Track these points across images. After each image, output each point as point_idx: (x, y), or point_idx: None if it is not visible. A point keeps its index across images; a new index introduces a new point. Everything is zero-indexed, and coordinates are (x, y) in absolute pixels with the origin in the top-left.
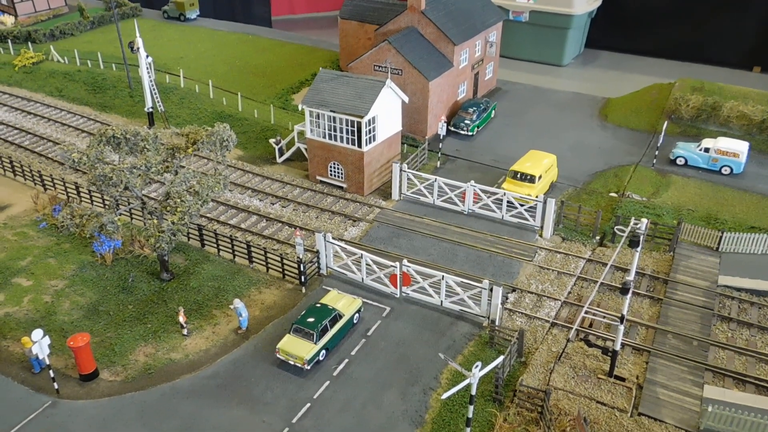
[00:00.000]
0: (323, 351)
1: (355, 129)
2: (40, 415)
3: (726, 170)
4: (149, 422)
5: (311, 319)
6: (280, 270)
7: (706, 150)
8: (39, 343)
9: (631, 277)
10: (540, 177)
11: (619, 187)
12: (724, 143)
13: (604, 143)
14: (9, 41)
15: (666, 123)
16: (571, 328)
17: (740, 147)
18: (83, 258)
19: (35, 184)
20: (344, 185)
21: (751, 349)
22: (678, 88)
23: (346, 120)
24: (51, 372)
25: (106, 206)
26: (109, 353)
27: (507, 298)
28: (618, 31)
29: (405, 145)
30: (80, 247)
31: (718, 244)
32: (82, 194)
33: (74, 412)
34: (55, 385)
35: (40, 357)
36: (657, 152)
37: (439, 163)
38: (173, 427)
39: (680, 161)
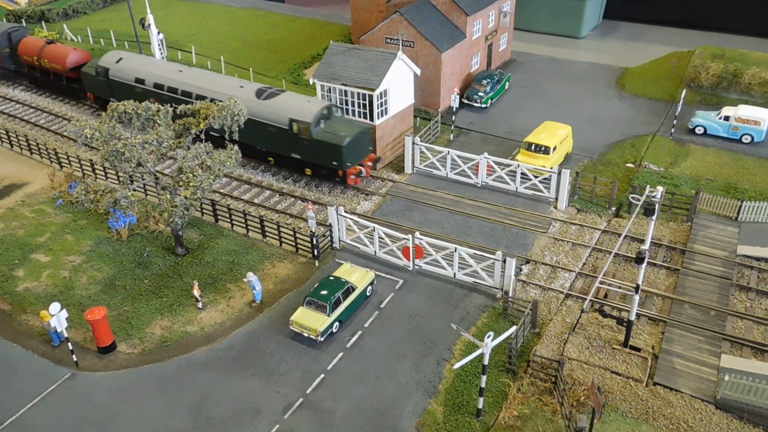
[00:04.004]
0: (336, 323)
1: (367, 102)
2: (60, 387)
3: (746, 139)
4: (167, 393)
5: (324, 292)
6: (293, 244)
7: (726, 118)
8: (57, 317)
9: (645, 246)
10: (554, 148)
11: (636, 157)
12: (745, 111)
13: (621, 113)
14: (23, 21)
15: (684, 91)
16: (586, 298)
17: (762, 115)
18: (99, 234)
19: (51, 162)
20: None
21: None
22: (698, 55)
23: (358, 93)
24: (69, 345)
25: (121, 182)
26: (126, 326)
27: (521, 270)
28: (637, 1)
29: (417, 118)
30: (96, 224)
31: (738, 213)
32: (97, 171)
33: (93, 383)
34: (74, 358)
35: (59, 330)
36: (675, 121)
37: (452, 135)
38: (190, 398)
39: (699, 130)
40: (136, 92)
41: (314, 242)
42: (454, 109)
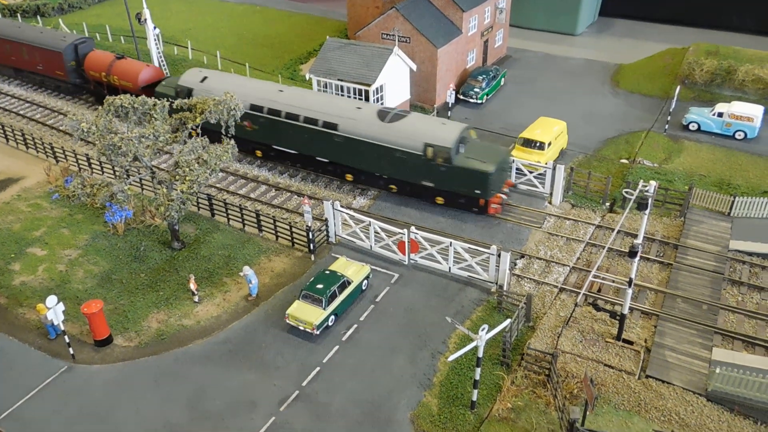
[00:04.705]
0: (332, 317)
1: (363, 97)
2: (57, 379)
3: (740, 135)
4: (163, 386)
5: (320, 286)
6: (290, 238)
7: (720, 115)
8: (53, 310)
9: (639, 240)
10: (549, 144)
11: (630, 153)
12: (738, 107)
13: (615, 110)
14: (18, 15)
15: (678, 88)
16: (580, 292)
17: (755, 111)
18: (95, 228)
19: (47, 156)
20: None
21: (761, 312)
22: (692, 52)
23: (354, 89)
24: (66, 338)
25: (117, 176)
26: (122, 320)
27: (515, 264)
28: None
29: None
30: (92, 218)
31: (730, 208)
32: (93, 166)
33: (90, 376)
34: (71, 351)
35: (55, 323)
36: (669, 118)
37: None
38: (187, 390)
39: (693, 126)
40: None
41: (310, 236)
42: (450, 105)
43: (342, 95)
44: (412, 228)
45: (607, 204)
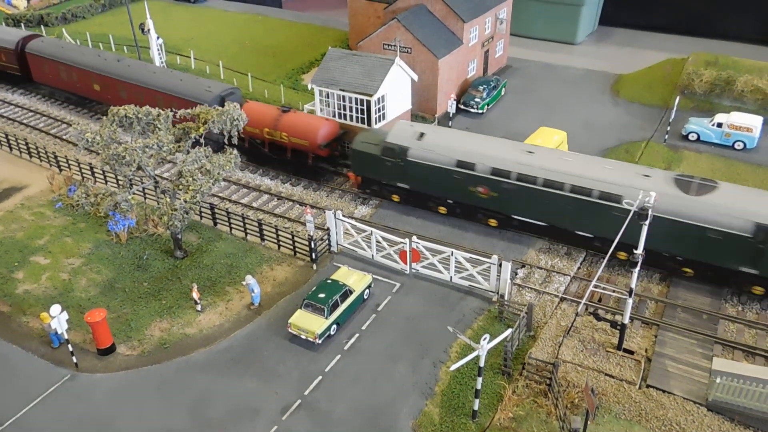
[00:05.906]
0: (334, 326)
1: (365, 107)
2: (60, 388)
3: (739, 145)
4: (166, 394)
5: (322, 295)
6: (292, 247)
7: (719, 125)
8: (57, 318)
9: (639, 250)
10: None
11: (630, 162)
12: (738, 118)
13: (615, 119)
14: (22, 25)
15: (678, 98)
16: (580, 302)
17: (754, 122)
18: (98, 237)
19: (50, 165)
20: None
21: (761, 322)
22: (691, 62)
23: (356, 99)
24: (69, 346)
25: (120, 186)
26: (125, 328)
27: (516, 274)
28: (633, 7)
29: None
30: (95, 227)
31: None
32: (96, 174)
33: (93, 384)
34: (74, 359)
35: (59, 332)
36: (669, 128)
37: None
38: (189, 399)
39: (692, 137)
40: (454, 178)
41: (312, 246)
42: (451, 115)
43: (343, 105)
44: (414, 237)
45: None
